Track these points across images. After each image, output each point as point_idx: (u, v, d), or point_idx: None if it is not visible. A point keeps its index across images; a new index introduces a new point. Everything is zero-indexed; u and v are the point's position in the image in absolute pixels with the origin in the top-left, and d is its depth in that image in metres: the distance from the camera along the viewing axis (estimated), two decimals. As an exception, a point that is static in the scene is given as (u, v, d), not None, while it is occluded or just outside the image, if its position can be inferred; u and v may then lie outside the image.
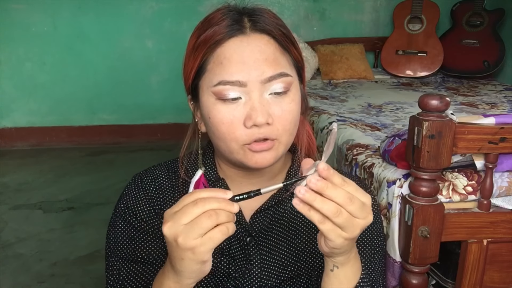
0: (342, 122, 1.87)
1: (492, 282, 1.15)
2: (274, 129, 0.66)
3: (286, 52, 0.68)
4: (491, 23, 3.08)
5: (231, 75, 0.64)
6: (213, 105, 0.66)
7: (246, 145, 0.67)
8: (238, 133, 0.66)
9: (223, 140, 0.68)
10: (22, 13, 3.22)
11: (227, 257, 0.74)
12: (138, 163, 3.11)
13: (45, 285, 1.81)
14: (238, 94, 0.65)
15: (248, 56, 0.65)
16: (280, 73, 0.66)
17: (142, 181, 0.78)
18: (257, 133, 0.65)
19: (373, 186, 1.29)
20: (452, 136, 0.99)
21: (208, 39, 0.66)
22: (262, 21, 0.67)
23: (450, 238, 1.10)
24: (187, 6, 3.34)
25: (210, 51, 0.66)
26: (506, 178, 1.13)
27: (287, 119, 0.67)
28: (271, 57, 0.66)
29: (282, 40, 0.68)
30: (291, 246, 0.77)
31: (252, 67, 0.64)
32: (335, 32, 3.41)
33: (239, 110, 0.65)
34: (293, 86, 0.68)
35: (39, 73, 3.36)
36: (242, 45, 0.65)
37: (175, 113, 3.52)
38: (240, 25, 0.66)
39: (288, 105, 0.67)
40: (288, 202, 0.78)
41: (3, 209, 2.43)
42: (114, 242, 0.76)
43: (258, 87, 0.65)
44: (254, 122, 0.64)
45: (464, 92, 2.68)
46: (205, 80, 0.67)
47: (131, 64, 3.41)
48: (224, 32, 0.66)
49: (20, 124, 3.43)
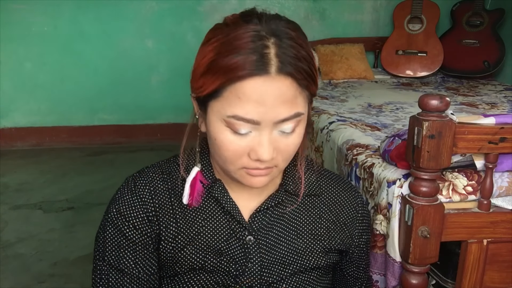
0: (342, 122, 1.87)
1: (492, 282, 1.15)
2: (275, 161, 0.68)
3: (304, 90, 0.66)
4: (491, 23, 3.08)
5: (247, 113, 0.63)
6: (222, 130, 0.66)
7: (245, 168, 0.68)
8: (240, 161, 0.67)
9: (223, 161, 0.69)
10: (22, 13, 3.22)
11: (226, 257, 0.75)
12: (138, 163, 3.11)
13: (45, 285, 1.81)
14: (249, 129, 0.65)
15: (268, 99, 0.62)
16: (295, 114, 0.65)
17: (136, 185, 0.76)
18: (259, 164, 0.67)
19: (373, 186, 1.29)
20: (452, 136, 0.99)
21: (230, 70, 0.61)
22: (289, 58, 0.62)
23: (450, 238, 1.10)
24: (187, 6, 3.34)
25: (230, 82, 0.62)
26: (506, 178, 1.13)
27: (289, 151, 0.68)
28: (289, 99, 0.64)
29: (304, 79, 0.64)
30: (291, 245, 0.78)
31: (269, 109, 0.63)
32: (335, 32, 3.41)
33: (246, 142, 0.65)
34: (301, 121, 0.68)
35: (39, 73, 3.36)
36: (264, 86, 0.62)
37: (175, 113, 3.52)
38: (266, 63, 0.61)
39: (293, 139, 0.68)
40: (286, 203, 0.79)
41: (3, 209, 2.43)
42: (102, 246, 0.75)
43: (270, 126, 0.65)
44: (259, 158, 0.65)
45: (464, 92, 2.68)
46: (218, 104, 0.65)
47: (131, 64, 3.41)
48: (248, 68, 0.61)
49: (20, 124, 3.43)
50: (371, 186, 1.31)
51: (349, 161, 1.51)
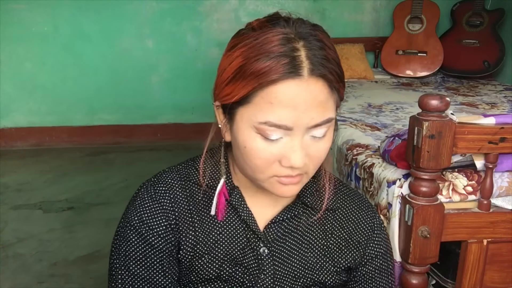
0: (342, 122, 1.87)
1: (492, 282, 1.15)
2: (306, 167, 0.66)
3: (335, 92, 0.65)
4: (491, 23, 3.08)
5: (280, 119, 0.61)
6: (252, 138, 0.64)
7: (276, 177, 0.66)
8: (271, 168, 0.65)
9: (253, 171, 0.67)
10: (22, 13, 3.22)
11: (241, 267, 0.73)
12: (138, 163, 3.12)
13: (45, 285, 1.81)
14: (281, 135, 0.63)
15: (301, 102, 0.61)
16: (327, 119, 0.64)
17: (156, 191, 0.74)
18: (291, 172, 0.65)
19: (373, 186, 1.29)
20: (452, 136, 0.99)
21: (261, 75, 0.60)
22: (320, 60, 0.61)
23: (450, 238, 1.10)
24: (187, 6, 3.34)
25: (260, 86, 0.61)
26: (506, 178, 1.13)
27: (320, 158, 0.67)
28: (322, 103, 0.63)
29: (335, 81, 0.64)
30: (303, 259, 0.76)
31: (302, 113, 0.61)
32: (335, 32, 3.41)
33: (278, 149, 0.63)
34: (331, 126, 0.67)
35: (39, 73, 3.35)
36: (297, 89, 0.60)
37: (175, 113, 3.52)
38: (298, 66, 0.60)
39: (324, 145, 0.67)
40: (302, 216, 0.77)
41: (3, 209, 2.43)
42: (124, 256, 0.71)
43: (303, 131, 0.63)
44: (291, 165, 0.63)
45: (464, 92, 2.68)
46: (248, 110, 0.63)
47: (131, 64, 3.41)
48: (280, 72, 0.59)
49: (20, 124, 3.43)
50: (371, 186, 1.31)
51: (349, 161, 1.51)
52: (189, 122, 3.44)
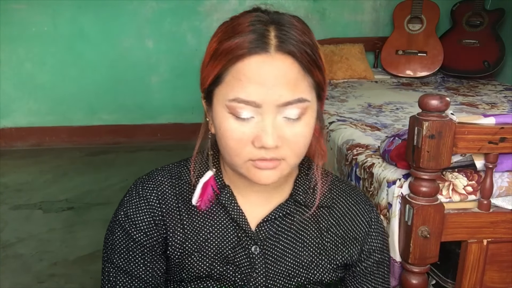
0: (342, 122, 1.87)
1: (492, 282, 1.15)
2: (282, 152, 0.65)
3: (308, 75, 0.65)
4: (491, 23, 3.08)
5: (248, 94, 0.62)
6: (225, 118, 0.65)
7: (251, 161, 0.65)
8: (245, 150, 0.65)
9: (229, 154, 0.67)
10: (22, 13, 3.22)
11: (232, 265, 0.73)
12: (138, 163, 3.12)
13: (45, 285, 1.81)
14: (252, 114, 0.63)
15: (268, 78, 0.62)
16: (298, 98, 0.63)
17: (143, 188, 0.76)
18: (264, 153, 0.64)
19: (373, 186, 1.29)
20: (452, 136, 0.99)
21: (230, 51, 0.63)
22: (289, 39, 0.63)
23: (450, 238, 1.10)
24: (187, 6, 3.34)
25: (230, 64, 0.63)
26: (506, 178, 1.13)
27: (297, 142, 0.66)
28: (292, 81, 0.63)
29: (306, 62, 0.64)
30: (297, 257, 0.76)
31: (270, 90, 0.62)
32: (335, 32, 3.41)
33: (250, 129, 0.64)
34: (309, 110, 0.66)
35: (39, 73, 3.35)
36: (263, 65, 0.62)
37: (175, 113, 3.52)
38: (265, 42, 0.62)
39: (301, 129, 0.65)
40: (295, 214, 0.76)
41: (3, 209, 2.43)
42: (111, 249, 0.75)
43: (273, 109, 0.63)
44: (263, 145, 0.63)
45: (464, 92, 2.68)
46: (221, 91, 0.65)
47: (131, 64, 3.41)
48: (246, 47, 0.62)
49: (20, 124, 3.43)
50: (371, 186, 1.31)
51: (349, 161, 1.51)
52: (189, 122, 3.44)
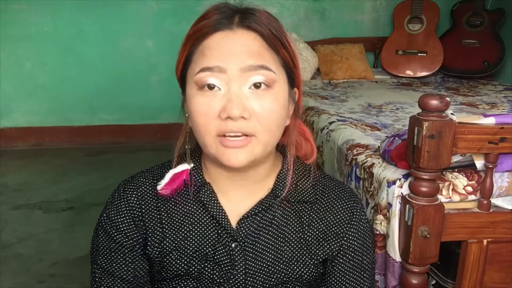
0: (342, 122, 1.87)
1: (492, 282, 1.15)
2: (250, 125, 0.64)
3: (273, 51, 0.67)
4: (491, 23, 3.08)
5: (211, 61, 0.64)
6: (194, 96, 0.66)
7: (219, 137, 0.65)
8: (213, 124, 0.65)
9: (199, 133, 0.67)
10: (22, 13, 3.22)
11: (211, 262, 0.73)
12: (138, 163, 3.11)
13: (45, 285, 1.81)
14: (217, 81, 0.64)
15: (231, 48, 0.64)
16: (262, 65, 0.65)
17: (125, 190, 0.77)
18: (231, 125, 0.63)
19: (373, 186, 1.29)
20: (452, 136, 0.99)
21: (196, 32, 0.67)
22: (252, 19, 0.66)
23: (450, 238, 1.10)
24: (187, 6, 3.34)
25: (197, 43, 0.67)
26: (506, 178, 1.13)
27: (266, 116, 0.65)
28: (255, 51, 0.65)
29: (270, 38, 0.66)
30: (278, 253, 0.74)
31: (233, 57, 0.64)
32: (335, 32, 3.41)
33: (216, 102, 0.64)
34: (277, 85, 0.67)
35: (39, 73, 3.35)
36: (226, 38, 0.65)
37: (175, 113, 3.41)
38: (229, 21, 0.66)
39: (269, 103, 0.65)
40: (277, 208, 0.75)
41: (3, 209, 2.43)
42: (95, 251, 0.76)
43: (238, 76, 0.64)
44: (228, 114, 0.63)
45: (464, 92, 2.68)
46: (190, 71, 0.68)
47: (131, 64, 3.41)
48: (211, 25, 0.66)
49: (20, 124, 3.43)
50: (371, 186, 1.31)
51: (349, 161, 1.51)
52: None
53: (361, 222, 0.79)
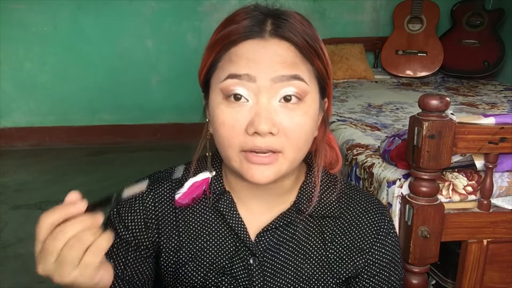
0: (342, 122, 1.87)
1: (492, 282, 1.15)
2: (279, 141, 0.60)
3: (307, 62, 0.62)
4: (491, 23, 3.08)
5: (240, 68, 0.59)
6: (218, 104, 0.61)
7: (244, 152, 0.60)
8: (238, 139, 0.60)
9: (222, 145, 0.62)
10: (22, 13, 3.22)
11: (228, 276, 0.69)
12: (138, 163, 3.11)
13: (45, 285, 1.81)
14: (244, 91, 0.59)
15: (262, 56, 0.59)
16: (295, 75, 0.60)
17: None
18: (258, 142, 0.59)
19: (373, 186, 1.29)
20: (452, 136, 0.99)
21: (224, 38, 0.62)
22: (286, 26, 0.61)
23: (450, 238, 1.10)
24: (187, 6, 3.34)
25: (225, 49, 0.62)
26: (506, 178, 1.13)
27: (295, 132, 0.60)
28: (288, 60, 0.60)
29: (305, 49, 0.61)
30: (298, 270, 0.70)
31: (264, 66, 0.59)
32: (335, 32, 3.41)
33: (243, 114, 0.59)
34: (309, 98, 0.62)
35: (39, 73, 3.35)
36: (257, 47, 0.60)
37: (175, 113, 3.52)
38: (260, 28, 0.61)
39: (300, 117, 0.60)
40: (299, 223, 0.70)
41: (3, 209, 2.43)
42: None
43: (268, 87, 0.59)
44: (256, 129, 0.58)
45: (464, 92, 2.68)
46: (215, 77, 0.63)
47: (131, 64, 3.41)
48: (241, 32, 0.61)
49: (20, 124, 3.43)
50: (371, 186, 1.31)
51: (349, 161, 1.51)
52: (189, 122, 3.44)
53: (389, 236, 0.72)
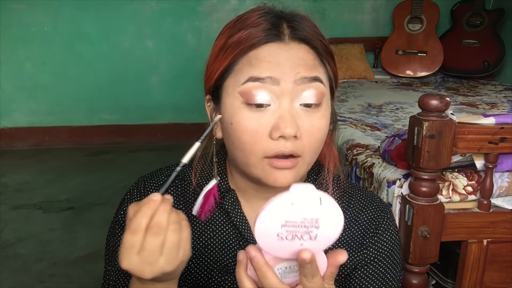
0: (342, 122, 1.87)
1: (492, 282, 1.15)
2: (300, 145, 0.59)
3: (324, 65, 0.63)
4: (491, 23, 3.08)
5: (262, 71, 0.58)
6: (238, 109, 0.59)
7: (267, 158, 0.59)
8: (261, 145, 0.59)
9: (243, 151, 0.61)
10: (22, 13, 3.22)
11: (231, 275, 0.68)
12: (138, 163, 3.12)
13: (45, 285, 1.81)
14: (268, 97, 0.58)
15: (284, 61, 0.59)
16: (316, 77, 0.60)
17: (145, 187, 0.72)
18: (283, 146, 0.58)
19: (373, 186, 1.29)
20: (452, 136, 0.99)
21: (242, 41, 0.60)
22: (302, 29, 0.61)
23: (450, 238, 1.10)
24: (187, 6, 3.34)
25: (242, 53, 0.60)
26: (506, 178, 1.13)
27: (315, 135, 0.61)
28: (310, 63, 0.60)
29: (323, 51, 0.62)
30: None
31: (285, 68, 0.58)
32: (335, 32, 3.41)
33: (267, 118, 0.58)
34: (325, 100, 0.62)
35: (39, 73, 3.36)
36: (278, 51, 0.59)
37: (175, 113, 3.52)
38: (278, 31, 0.60)
39: (319, 120, 0.61)
40: None
41: (3, 209, 2.43)
42: (112, 251, 0.71)
43: (290, 89, 0.58)
44: (282, 133, 0.57)
45: (464, 92, 2.68)
46: (231, 80, 0.61)
47: (131, 64, 3.41)
48: (261, 36, 0.59)
49: (20, 124, 3.43)
50: (371, 186, 1.31)
51: (349, 161, 1.51)
52: (189, 122, 3.44)
53: (388, 232, 0.72)
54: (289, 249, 0.48)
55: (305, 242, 0.48)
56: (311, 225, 0.47)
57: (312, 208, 0.47)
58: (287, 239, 0.48)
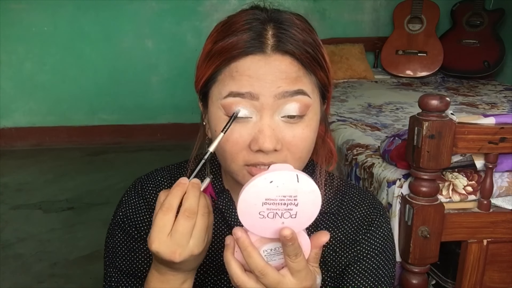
0: (342, 122, 1.87)
1: (492, 282, 1.15)
2: (280, 157, 0.59)
3: (310, 74, 0.61)
4: (491, 23, 3.09)
5: (242, 86, 0.58)
6: (221, 119, 0.60)
7: (247, 166, 0.60)
8: (241, 154, 0.60)
9: (224, 159, 0.62)
10: (22, 13, 3.22)
11: (227, 275, 0.66)
12: (138, 163, 3.12)
13: (45, 285, 1.81)
14: (247, 111, 0.58)
15: (264, 73, 0.58)
16: (298, 90, 0.59)
17: (143, 187, 0.73)
18: (262, 158, 0.59)
19: (373, 186, 1.29)
20: (452, 136, 0.99)
21: (224, 51, 0.59)
22: (288, 38, 0.59)
23: (450, 238, 1.10)
24: (187, 6, 3.34)
25: (224, 64, 0.60)
26: (506, 178, 1.13)
27: (298, 146, 0.60)
28: (292, 76, 0.59)
29: (307, 61, 0.60)
30: None
31: (267, 83, 0.58)
32: (335, 32, 3.41)
33: (247, 130, 0.59)
34: (311, 110, 0.61)
35: (39, 73, 3.36)
36: (259, 64, 0.58)
37: (175, 113, 3.52)
38: (261, 42, 0.58)
39: (302, 131, 0.60)
40: None
41: (3, 209, 2.43)
42: (112, 252, 0.71)
43: (271, 103, 0.58)
44: (260, 147, 0.58)
45: (464, 92, 2.68)
46: (215, 90, 0.61)
47: (131, 64, 3.41)
48: (242, 47, 0.58)
49: (20, 124, 3.43)
50: (371, 186, 1.31)
51: (349, 161, 1.51)
52: (189, 122, 3.44)
53: (380, 229, 0.72)
54: (272, 228, 0.51)
55: (286, 220, 0.50)
56: (290, 202, 0.50)
57: (290, 186, 0.49)
58: (269, 217, 0.50)
